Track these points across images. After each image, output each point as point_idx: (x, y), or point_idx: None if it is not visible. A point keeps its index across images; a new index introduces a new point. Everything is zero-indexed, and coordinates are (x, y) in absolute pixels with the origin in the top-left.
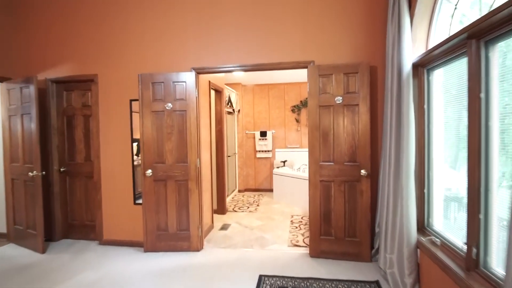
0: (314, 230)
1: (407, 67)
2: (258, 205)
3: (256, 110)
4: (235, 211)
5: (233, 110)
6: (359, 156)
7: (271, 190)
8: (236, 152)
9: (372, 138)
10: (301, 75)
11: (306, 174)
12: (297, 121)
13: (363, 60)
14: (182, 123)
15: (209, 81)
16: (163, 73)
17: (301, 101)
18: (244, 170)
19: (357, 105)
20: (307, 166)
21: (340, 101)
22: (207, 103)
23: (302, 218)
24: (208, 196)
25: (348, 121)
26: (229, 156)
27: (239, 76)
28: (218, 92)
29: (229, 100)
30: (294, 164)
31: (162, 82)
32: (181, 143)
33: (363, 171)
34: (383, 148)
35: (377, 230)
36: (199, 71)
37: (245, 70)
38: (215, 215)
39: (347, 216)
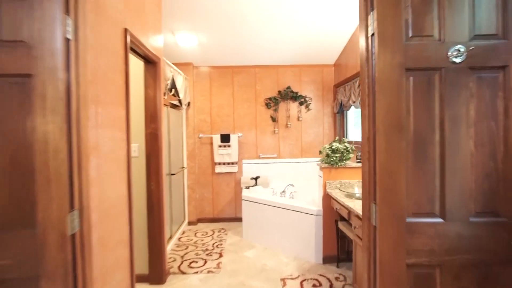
0: None
1: None
2: (220, 255)
3: (214, 104)
4: (183, 272)
5: (180, 102)
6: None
7: (237, 220)
8: (185, 166)
9: None
10: (281, 53)
11: (297, 202)
12: (274, 119)
13: None
14: (20, 115)
15: (125, 29)
16: None
17: (279, 92)
18: (196, 192)
19: (506, 67)
20: (292, 186)
21: (462, 58)
22: (118, 75)
23: (302, 283)
24: (124, 260)
25: (480, 111)
26: (172, 174)
27: (189, 50)
28: (151, 64)
29: (173, 85)
30: (269, 181)
31: None
32: (12, 169)
33: None
34: None
35: None
36: None
37: None
38: None
39: None
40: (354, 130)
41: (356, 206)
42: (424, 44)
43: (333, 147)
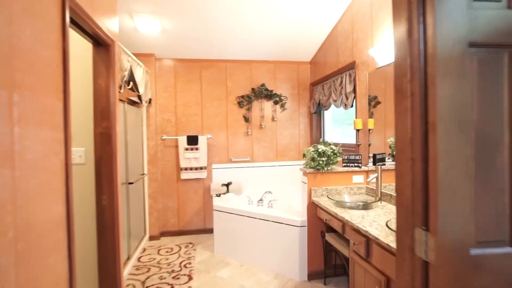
0: None
1: None
2: (190, 277)
3: (180, 102)
4: None
5: (140, 98)
6: None
7: (207, 231)
8: (145, 172)
9: None
10: (255, 48)
11: (278, 212)
12: (247, 120)
13: None
14: None
15: None
16: None
17: (253, 89)
18: (159, 202)
19: None
20: (269, 193)
21: None
22: (52, 52)
23: None
24: None
25: None
26: (130, 183)
27: (150, 38)
28: (103, 47)
29: (131, 78)
30: (242, 188)
31: None
32: None
33: None
34: None
35: None
36: None
37: None
38: None
39: None
40: (333, 130)
41: (353, 218)
42: (492, 13)
43: (319, 150)
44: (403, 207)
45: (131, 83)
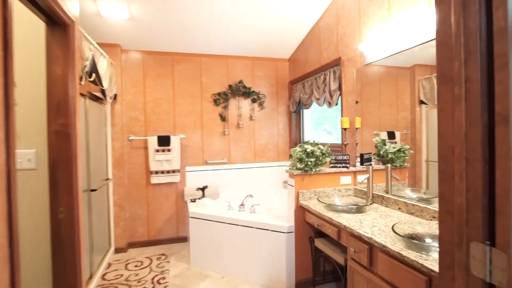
0: None
1: None
2: None
3: (150, 98)
4: None
5: (104, 93)
6: None
7: (181, 240)
8: (110, 177)
9: None
10: (232, 42)
11: (262, 218)
12: (223, 119)
13: None
14: None
15: None
16: None
17: (230, 86)
18: (126, 210)
19: None
20: (251, 197)
21: None
22: None
23: None
24: None
25: None
26: (93, 190)
27: (116, 27)
28: (59, 27)
29: (94, 69)
30: (219, 191)
31: None
32: None
33: None
34: None
35: None
36: None
37: None
38: None
39: None
40: (313, 130)
41: (351, 223)
42: None
43: (307, 150)
44: (452, 216)
45: (94, 75)
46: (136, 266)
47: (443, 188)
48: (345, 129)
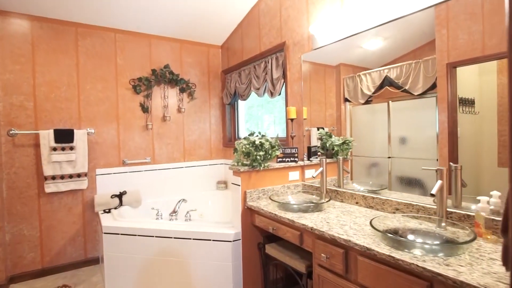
0: None
1: None
2: None
3: (42, 79)
4: None
5: None
6: None
7: (91, 263)
8: None
9: None
10: (156, 19)
11: (202, 227)
12: (146, 109)
13: None
14: None
15: None
16: None
17: (153, 71)
18: (5, 232)
19: None
20: (184, 201)
21: None
22: None
23: None
24: None
25: None
26: None
27: None
28: None
29: None
30: (141, 198)
31: None
32: None
33: None
34: None
35: None
36: None
37: None
38: None
39: None
40: (247, 123)
41: (318, 224)
42: None
43: (256, 143)
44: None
45: None
46: None
47: None
48: (292, 119)
